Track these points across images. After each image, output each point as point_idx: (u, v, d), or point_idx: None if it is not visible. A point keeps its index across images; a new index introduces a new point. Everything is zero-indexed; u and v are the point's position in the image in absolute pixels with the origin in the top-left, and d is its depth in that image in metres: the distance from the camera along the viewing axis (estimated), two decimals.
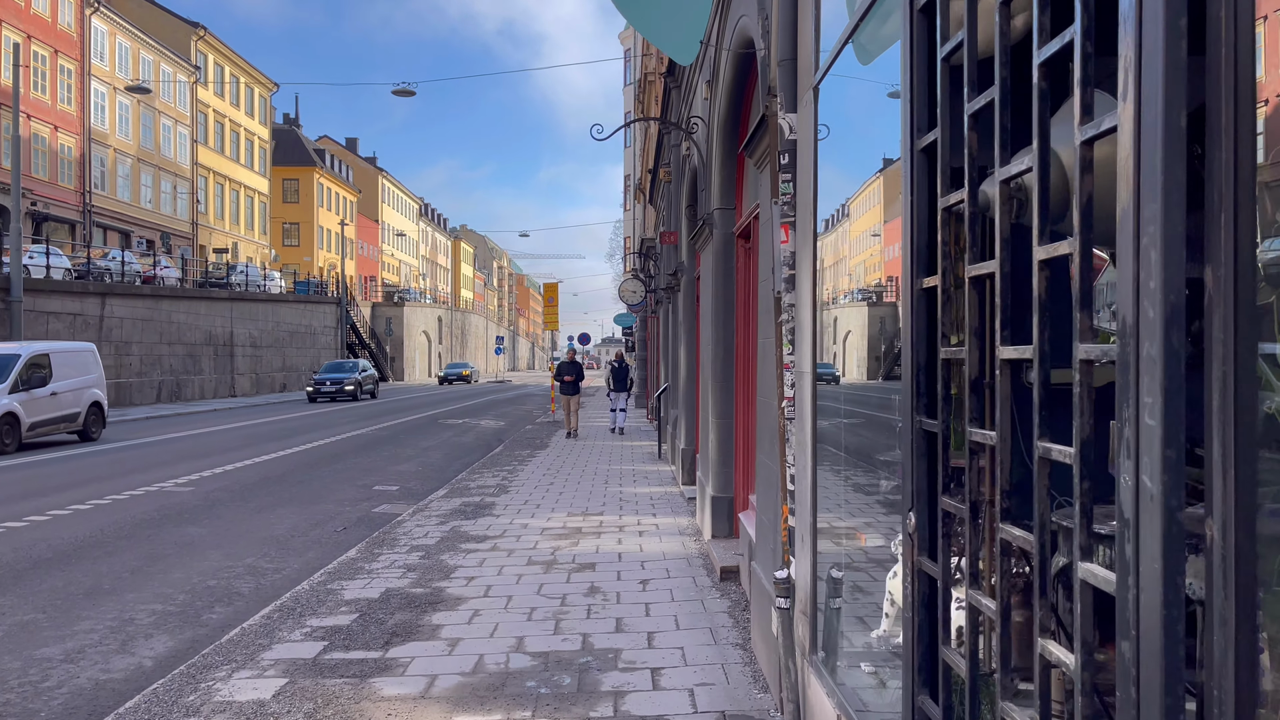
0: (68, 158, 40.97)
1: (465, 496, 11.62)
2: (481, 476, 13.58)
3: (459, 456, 17.18)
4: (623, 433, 20.94)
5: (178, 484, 12.98)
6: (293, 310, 44.12)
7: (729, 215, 7.81)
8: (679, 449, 12.38)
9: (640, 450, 17.28)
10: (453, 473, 14.72)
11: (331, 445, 18.75)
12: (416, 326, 68.72)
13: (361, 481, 13.68)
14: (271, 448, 17.93)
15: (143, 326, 30.48)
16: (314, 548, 9.04)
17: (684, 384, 12.05)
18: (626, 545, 8.40)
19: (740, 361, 7.66)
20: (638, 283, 22.57)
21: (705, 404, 8.65)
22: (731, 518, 7.85)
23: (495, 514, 10.26)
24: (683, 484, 11.98)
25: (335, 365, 37.74)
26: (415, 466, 15.61)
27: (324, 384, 35.76)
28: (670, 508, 10.56)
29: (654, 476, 13.42)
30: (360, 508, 11.40)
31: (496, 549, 8.35)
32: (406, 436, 21.00)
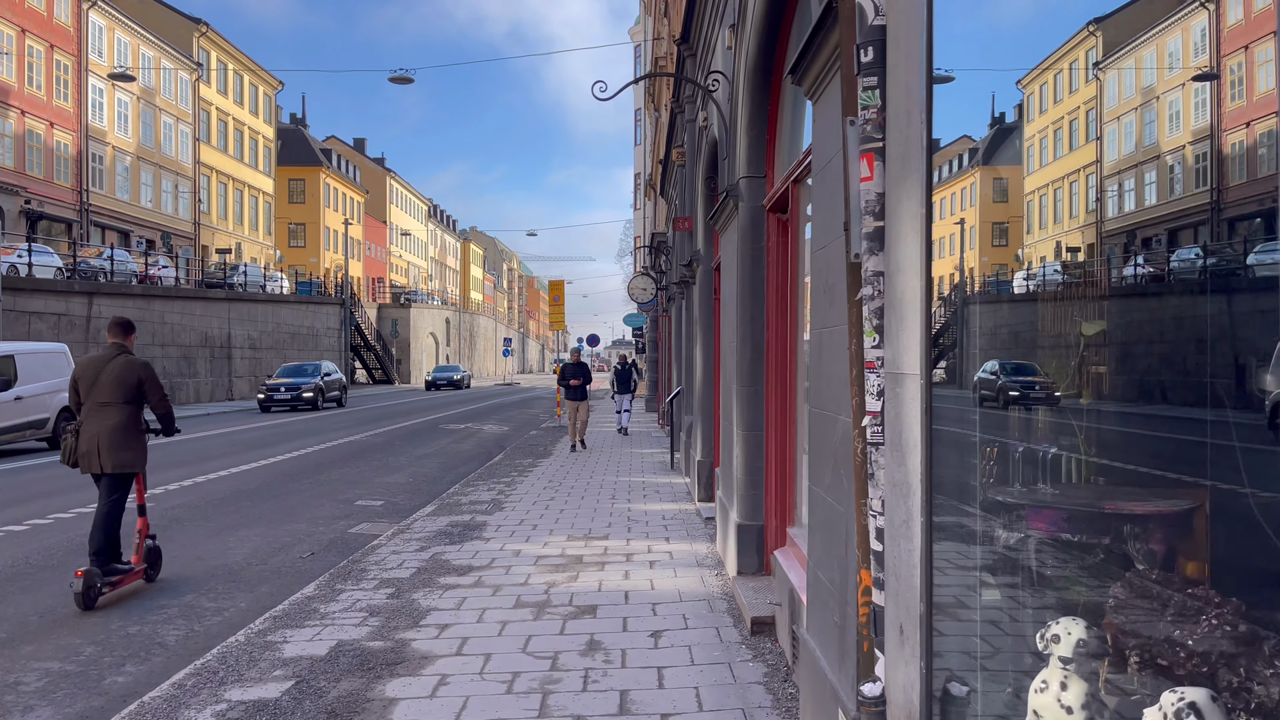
0: (64, 155, 39.94)
1: (454, 514, 10.31)
2: (476, 490, 12.27)
3: (455, 466, 15.89)
4: (627, 433, 21.44)
5: None
6: (294, 311, 42.97)
7: (758, 185, 6.48)
8: (694, 460, 11.04)
9: (651, 460, 15.95)
10: (445, 485, 13.42)
11: (320, 453, 17.48)
12: (424, 328, 67.59)
13: (344, 495, 12.39)
14: (253, 456, 16.67)
15: None
16: (271, 579, 7.74)
17: (700, 388, 10.71)
18: (635, 580, 7.06)
19: (773, 362, 6.32)
20: (648, 279, 21.23)
21: (728, 412, 7.31)
22: (761, 551, 6.51)
23: (485, 537, 8.95)
24: (699, 501, 10.65)
25: (293, 368, 32.13)
26: (406, 478, 14.32)
27: (277, 390, 30.03)
28: (686, 530, 9.22)
29: (666, 491, 12.08)
30: (336, 527, 10.10)
31: (481, 584, 7.03)
32: (402, 443, 19.72)
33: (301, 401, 30.11)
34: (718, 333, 10.22)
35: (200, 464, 15.52)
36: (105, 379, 6.94)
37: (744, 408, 6.55)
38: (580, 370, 17.50)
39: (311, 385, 30.74)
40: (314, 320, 45.20)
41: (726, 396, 7.41)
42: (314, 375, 31.69)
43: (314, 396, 30.54)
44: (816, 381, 3.82)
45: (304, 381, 30.89)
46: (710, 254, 10.41)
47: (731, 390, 6.98)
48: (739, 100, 6.49)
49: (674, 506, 10.71)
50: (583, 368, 17.60)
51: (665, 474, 13.85)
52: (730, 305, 7.15)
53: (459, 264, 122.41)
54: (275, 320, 40.47)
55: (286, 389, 30.17)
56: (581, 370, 17.51)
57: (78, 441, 6.90)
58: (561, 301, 23.31)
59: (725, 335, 7.57)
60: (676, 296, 16.43)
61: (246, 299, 37.83)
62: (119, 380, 6.94)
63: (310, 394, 30.46)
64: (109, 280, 28.96)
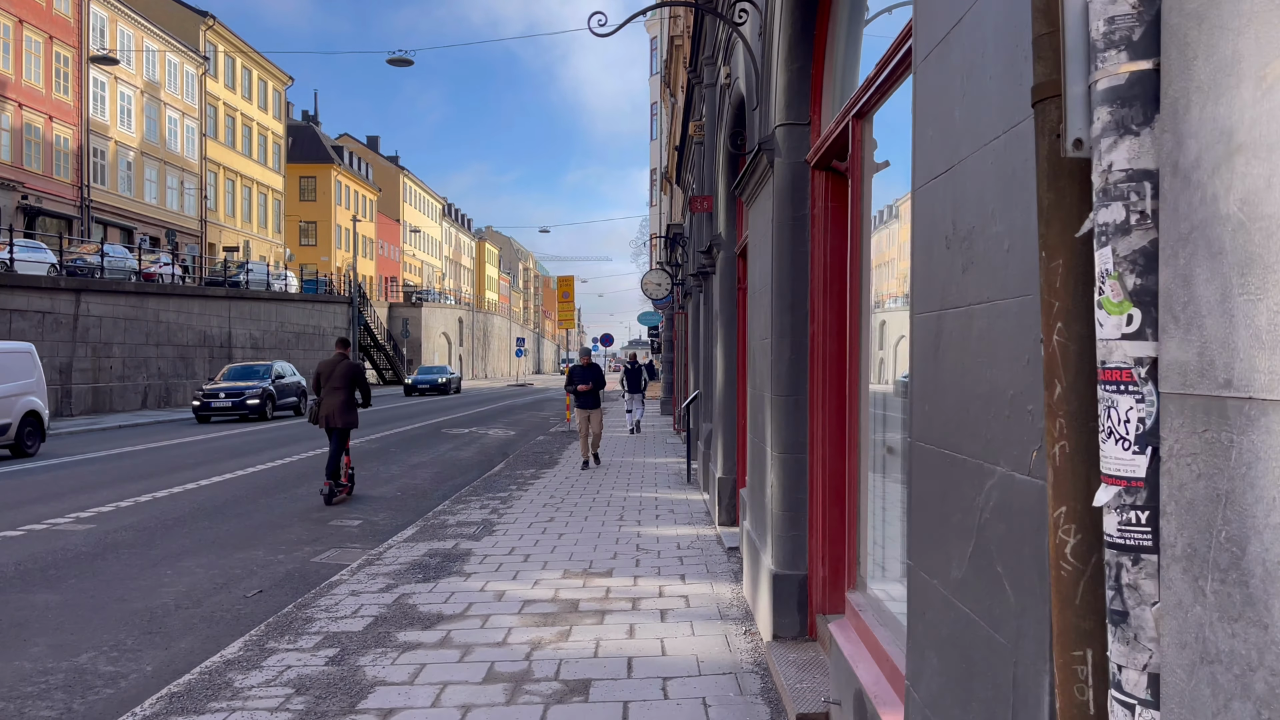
0: (64, 149, 38.90)
1: (437, 539, 8.89)
2: (468, 507, 10.85)
3: (450, 477, 14.48)
4: (639, 429, 21.81)
5: (80, 518, 10.35)
6: (299, 310, 41.76)
7: (799, 135, 5.00)
8: (714, 476, 9.57)
9: (665, 471, 14.47)
10: (436, 499, 12.02)
11: (305, 462, 16.11)
12: (435, 328, 66.38)
13: (320, 513, 11.00)
14: (231, 465, 15.31)
15: (126, 326, 28.10)
16: (198, 629, 6.33)
17: (721, 393, 9.24)
18: (642, 639, 5.60)
19: (821, 364, 4.85)
20: (663, 274, 19.74)
21: (758, 426, 5.84)
22: (804, 609, 5.03)
23: (466, 571, 7.51)
24: (720, 524, 9.17)
25: (241, 370, 27.09)
26: (393, 491, 12.91)
27: (216, 396, 24.92)
28: (705, 563, 7.75)
29: (682, 510, 10.61)
30: (299, 554, 8.70)
31: (448, 643, 5.59)
32: (398, 450, 18.34)
33: (246, 409, 25.11)
34: (742, 329, 8.75)
35: (170, 474, 14.18)
36: (336, 373, 11.39)
37: (781, 423, 5.08)
38: (590, 374, 14.76)
39: (259, 391, 25.46)
40: (320, 319, 43.99)
41: (756, 406, 5.93)
42: (264, 378, 26.36)
43: (261, 404, 25.37)
44: (929, 400, 2.34)
45: (250, 387, 25.54)
46: (733, 236, 8.93)
47: (764, 399, 5.50)
48: (775, 26, 5.01)
49: (691, 531, 9.23)
50: (594, 371, 14.84)
51: (681, 488, 12.38)
52: (761, 293, 5.68)
53: (474, 263, 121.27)
54: (279, 319, 39.26)
55: (228, 394, 25.15)
56: (592, 373, 14.78)
57: (320, 410, 11.35)
58: (571, 298, 21.88)
59: (754, 331, 6.10)
60: (694, 290, 14.95)
61: (249, 297, 36.61)
62: (343, 374, 11.41)
63: (256, 400, 25.27)
64: (100, 277, 27.73)
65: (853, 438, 4.22)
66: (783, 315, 5.07)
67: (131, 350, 28.28)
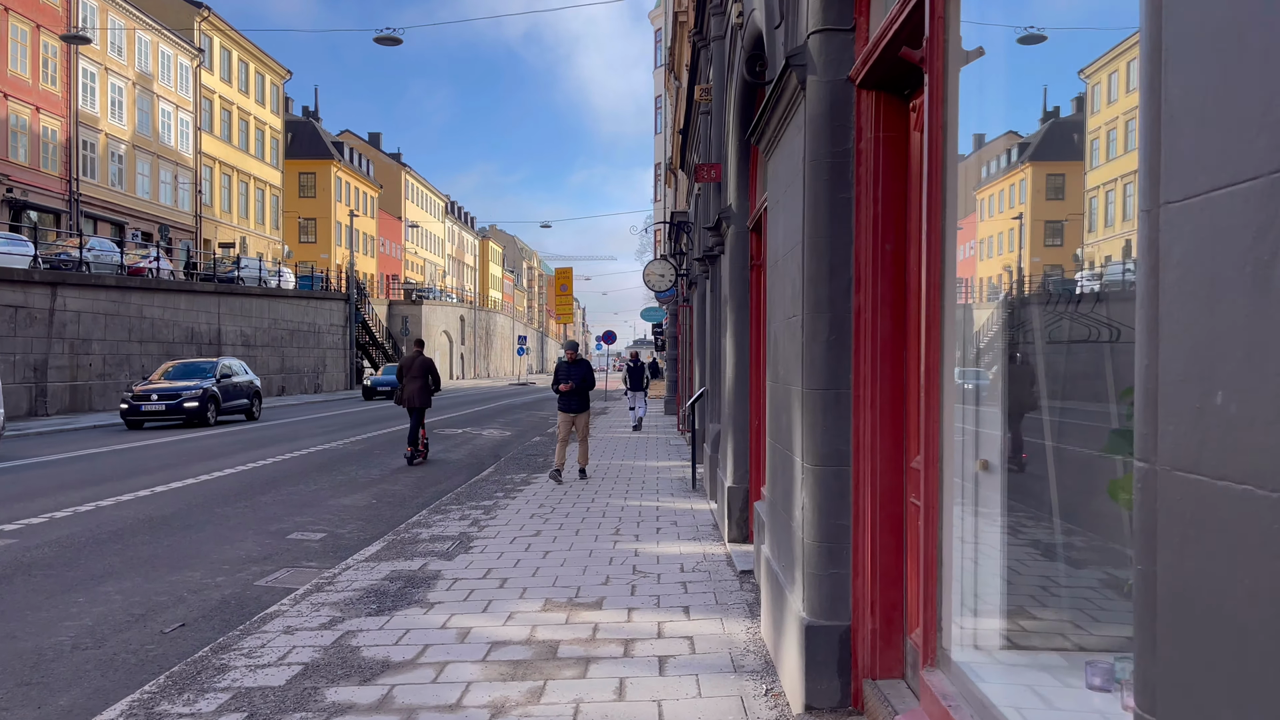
0: (51, 141, 37.82)
1: (403, 558, 7.69)
2: (446, 517, 9.66)
3: (435, 482, 13.28)
4: (641, 425, 21.83)
5: (4, 531, 9.17)
6: (293, 307, 40.59)
7: (840, 44, 3.78)
8: (723, 485, 8.35)
9: (668, 476, 13.26)
10: (414, 508, 10.83)
11: (279, 466, 14.93)
12: (436, 326, 65.24)
13: (281, 524, 9.81)
14: (196, 470, 14.11)
15: (106, 322, 26.93)
16: (87, 678, 5.14)
17: (731, 388, 8.02)
18: (634, 703, 4.37)
19: (871, 347, 3.64)
20: (666, 265, 18.51)
21: (781, 429, 4.61)
22: (847, 672, 3.80)
23: (429, 601, 6.30)
24: (730, 540, 7.95)
25: (183, 368, 23.57)
26: (369, 498, 11.72)
27: (147, 399, 21.38)
28: (713, 591, 6.53)
29: (686, 521, 9.39)
30: (243, 576, 7.51)
31: (387, 707, 4.38)
32: (382, 451, 17.14)
33: (183, 414, 21.58)
34: (756, 313, 7.54)
35: (128, 479, 13.00)
36: (415, 366, 14.41)
37: (815, 425, 3.85)
38: (576, 371, 12.53)
39: (197, 393, 21.74)
40: (316, 316, 42.83)
41: (780, 403, 4.71)
42: (206, 376, 22.83)
43: (200, 407, 21.78)
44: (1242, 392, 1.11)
45: (188, 388, 21.83)
46: (745, 206, 7.71)
47: (791, 395, 4.28)
48: None
49: (696, 549, 8.01)
50: (581, 368, 12.61)
51: (685, 496, 11.16)
52: (787, 259, 4.46)
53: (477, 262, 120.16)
54: (272, 316, 38.10)
55: (161, 396, 21.48)
56: (578, 371, 12.55)
57: (403, 394, 14.27)
58: (570, 291, 20.65)
59: (776, 309, 4.88)
60: (699, 279, 13.72)
61: (239, 293, 35.44)
62: (420, 367, 14.38)
63: (194, 403, 21.63)
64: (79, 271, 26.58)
65: (930, 447, 2.98)
66: (818, 284, 3.85)
67: (113, 347, 27.12)
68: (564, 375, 12.58)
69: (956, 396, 2.75)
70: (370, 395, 37.96)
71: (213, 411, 22.47)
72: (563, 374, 12.61)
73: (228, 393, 23.60)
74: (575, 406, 12.58)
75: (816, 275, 3.86)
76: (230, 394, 23.74)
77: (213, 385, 22.75)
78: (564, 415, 12.60)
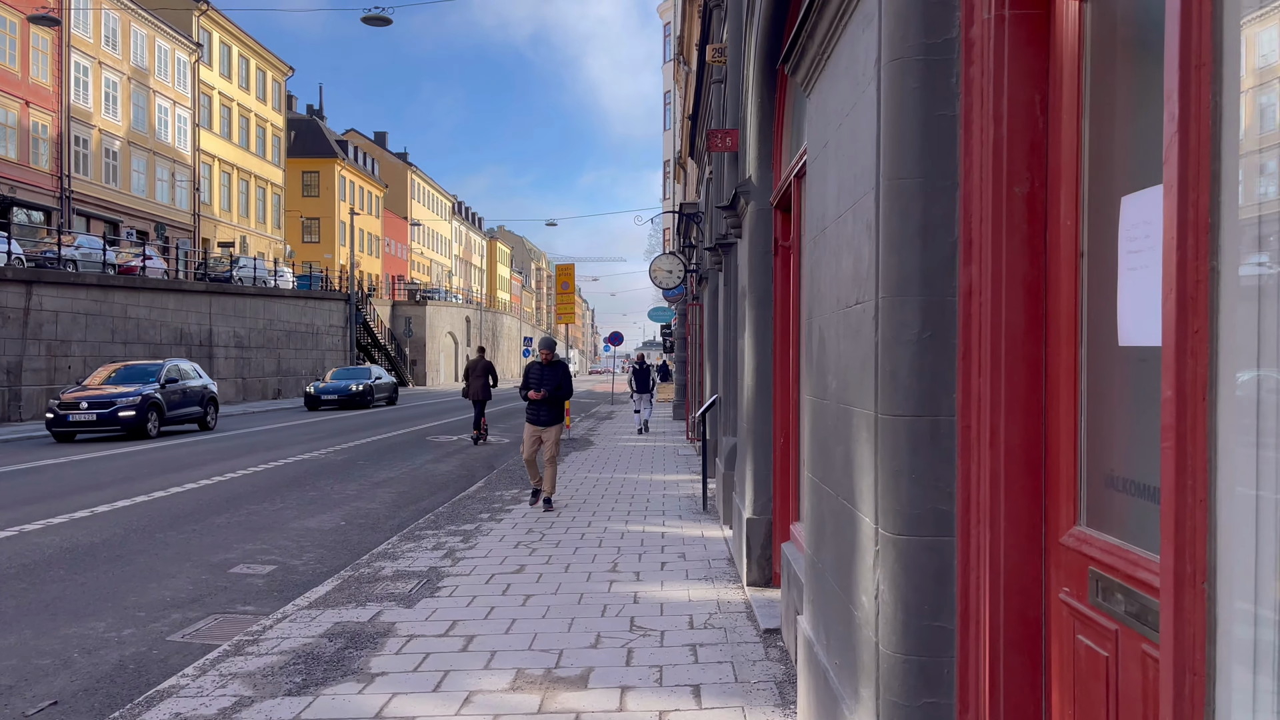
0: (42, 137, 36.69)
1: (354, 603, 6.36)
2: (418, 546, 8.32)
3: (417, 499, 11.95)
4: (647, 429, 21.96)
5: None
6: (290, 307, 39.36)
7: None
8: (740, 514, 6.97)
9: (676, 493, 11.89)
10: (387, 531, 9.51)
11: (247, 480, 13.62)
12: (441, 327, 64.01)
13: (226, 553, 8.49)
14: (152, 485, 12.80)
15: (87, 322, 25.71)
16: None
17: (751, 397, 6.65)
18: None
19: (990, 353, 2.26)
20: (674, 260, 17.13)
21: (840, 469, 3.22)
22: None
23: (370, 669, 4.95)
24: (750, 584, 6.56)
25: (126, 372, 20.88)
26: (338, 519, 10.39)
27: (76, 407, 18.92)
28: (731, 660, 5.15)
29: (697, 553, 8.01)
30: (157, 628, 6.19)
31: None
32: (367, 462, 15.82)
33: (117, 424, 18.94)
34: (782, 307, 6.18)
35: (71, 497, 11.71)
36: (479, 368, 18.01)
37: (899, 470, 2.48)
38: (551, 376, 10.15)
39: (134, 400, 19.12)
40: (314, 317, 41.60)
41: (829, 430, 3.33)
42: (149, 381, 20.13)
43: (137, 417, 19.02)
44: None
45: (123, 395, 19.16)
46: (768, 176, 6.34)
47: (852, 421, 2.90)
48: None
49: (709, 593, 6.63)
50: (555, 371, 10.18)
51: (695, 518, 9.78)
52: (843, 222, 3.09)
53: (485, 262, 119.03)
54: (268, 316, 36.87)
55: (92, 404, 18.83)
56: (552, 375, 10.14)
57: (469, 389, 18.01)
58: (571, 289, 19.31)
59: (822, 297, 3.50)
60: (710, 273, 12.35)
61: (232, 292, 34.20)
62: (483, 369, 17.96)
63: (130, 413, 18.94)
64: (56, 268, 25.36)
65: (1189, 543, 1.59)
66: (902, 251, 2.48)
67: (94, 349, 25.88)
68: (536, 380, 10.16)
69: (1240, 431, 1.38)
70: (315, 405, 30.56)
71: (154, 421, 19.61)
72: (534, 378, 10.19)
73: (175, 400, 20.71)
74: (546, 418, 10.19)
75: (900, 238, 2.49)
76: (178, 401, 20.85)
77: (154, 391, 19.90)
78: (530, 428, 10.19)
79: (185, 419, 21.20)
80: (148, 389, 19.72)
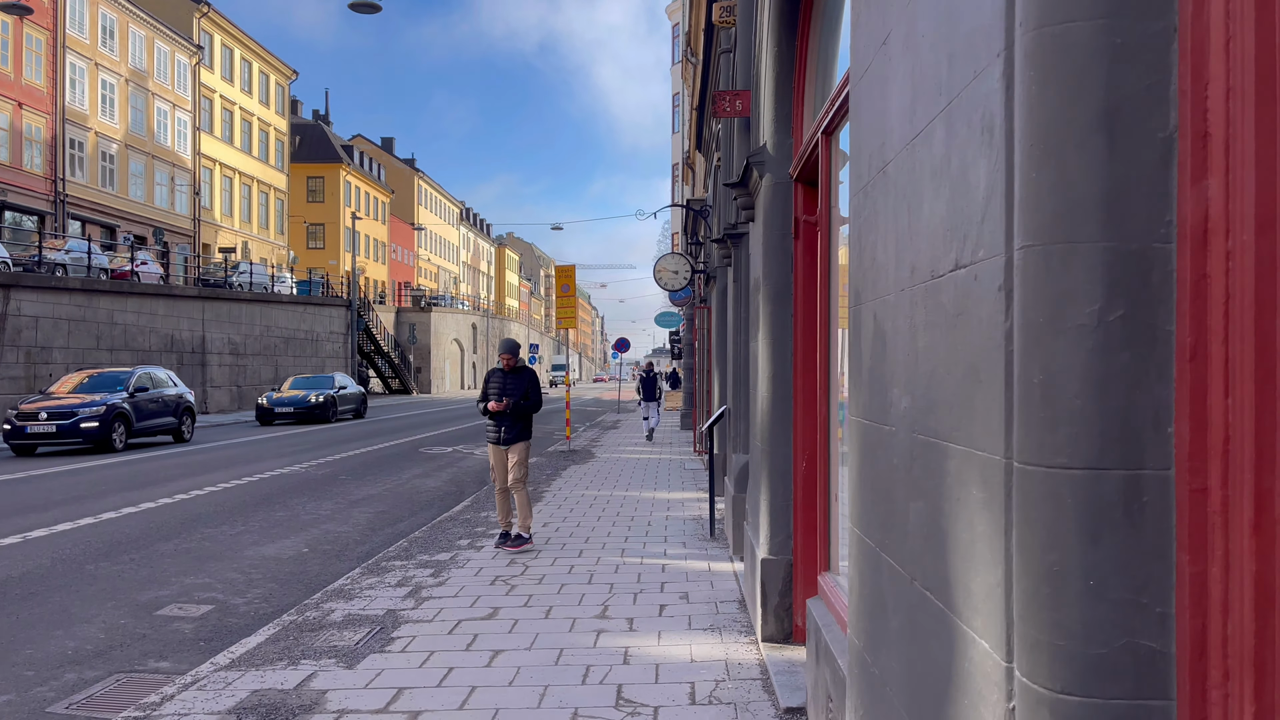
0: (35, 139, 35.84)
1: (285, 661, 5.22)
2: (381, 581, 7.19)
3: (395, 519, 10.82)
4: (652, 435, 21.73)
5: None
6: (289, 313, 38.35)
7: None
8: (754, 552, 5.79)
9: (681, 514, 10.72)
10: (351, 561, 8.38)
11: (211, 498, 12.51)
12: (446, 334, 63.00)
13: (161, 589, 7.37)
14: (105, 505, 11.69)
15: (70, 328, 24.72)
16: None
17: (766, 408, 5.49)
18: None
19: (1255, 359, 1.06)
20: (680, 260, 15.97)
21: (929, 548, 2.06)
22: None
23: None
24: (765, 640, 5.38)
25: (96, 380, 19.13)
26: (301, 544, 9.27)
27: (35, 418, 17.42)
28: None
29: (701, 592, 6.84)
30: (40, 693, 5.07)
31: None
32: (349, 477, 14.70)
33: (80, 436, 17.27)
34: (806, 302, 5.02)
35: (17, 517, 10.62)
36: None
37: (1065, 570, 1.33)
38: (515, 385, 8.42)
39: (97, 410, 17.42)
40: (314, 324, 40.60)
41: (902, 478, 2.16)
42: (116, 390, 18.44)
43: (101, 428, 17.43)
44: None
45: (86, 404, 17.53)
46: (786, 144, 5.20)
47: (957, 471, 1.73)
48: None
49: (716, 649, 5.45)
50: (523, 380, 8.46)
51: (701, 547, 8.61)
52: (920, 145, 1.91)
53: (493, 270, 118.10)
54: (265, 323, 35.87)
55: (52, 414, 17.29)
56: (516, 384, 8.42)
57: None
58: (572, 292, 18.15)
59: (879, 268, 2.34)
60: (719, 270, 11.20)
61: (227, 298, 33.20)
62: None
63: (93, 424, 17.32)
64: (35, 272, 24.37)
65: None
66: (1069, 157, 1.31)
67: (78, 356, 24.88)
68: (496, 389, 8.41)
69: None
70: (268, 419, 26.23)
71: (120, 433, 17.95)
72: (494, 387, 8.43)
73: (147, 409, 18.98)
74: (510, 436, 8.36)
75: (1061, 133, 1.33)
76: (150, 411, 19.13)
77: (121, 400, 18.15)
78: (493, 451, 8.46)
79: (157, 430, 19.61)
80: (114, 398, 18.16)
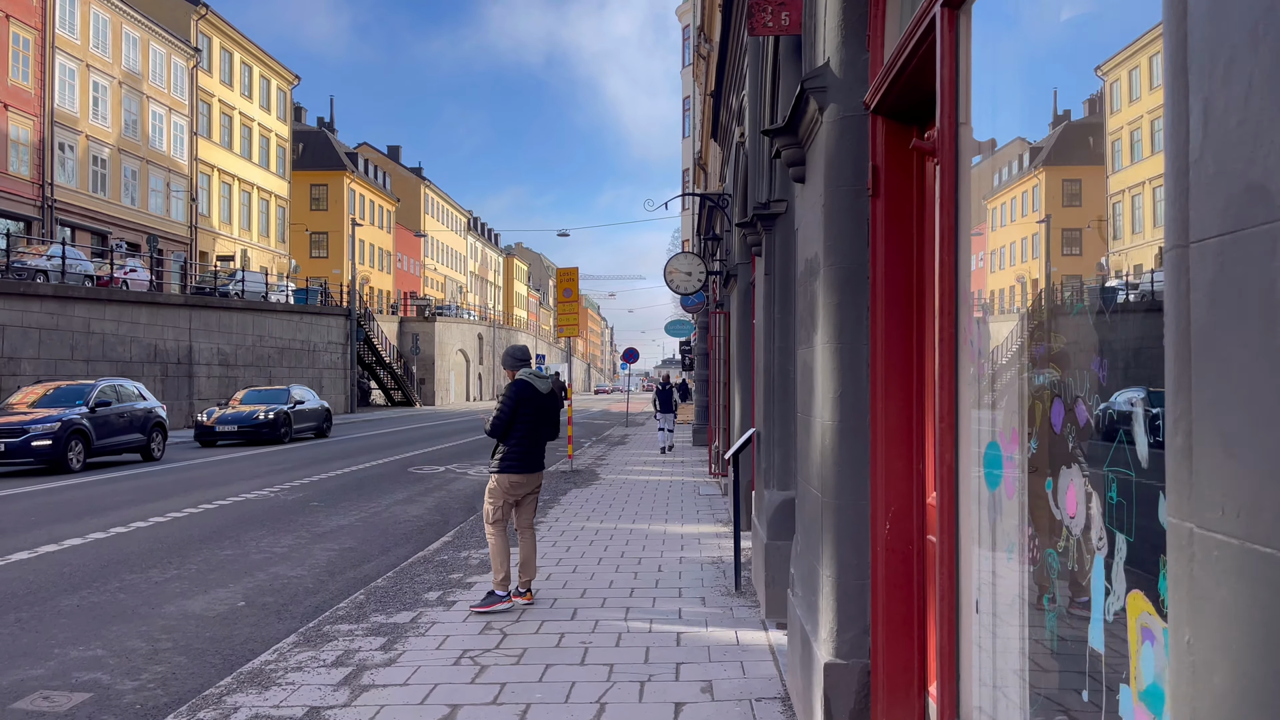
0: (22, 142, 34.49)
1: None
2: (317, 656, 5.54)
3: (362, 559, 9.16)
4: (672, 449, 21.79)
5: None
6: (284, 322, 36.83)
7: None
8: (812, 649, 4.09)
9: (698, 555, 9.01)
10: (293, 621, 6.73)
11: (152, 531, 10.86)
12: (451, 345, 61.44)
13: (31, 668, 5.73)
14: (24, 541, 10.06)
15: (42, 336, 23.22)
16: None
17: (831, 444, 3.81)
18: None
19: None
20: (692, 259, 14.28)
21: None
22: None
23: None
24: None
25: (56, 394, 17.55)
26: (238, 595, 7.61)
27: None
28: None
29: (729, 684, 5.14)
30: None
31: None
32: (322, 503, 13.03)
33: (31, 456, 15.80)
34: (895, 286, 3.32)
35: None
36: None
37: None
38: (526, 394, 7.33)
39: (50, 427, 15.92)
40: (311, 334, 39.07)
41: None
42: (75, 404, 16.97)
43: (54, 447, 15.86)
44: None
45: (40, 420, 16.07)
46: (859, 56, 3.53)
47: None
48: None
49: None
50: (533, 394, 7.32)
51: (724, 605, 6.90)
52: None
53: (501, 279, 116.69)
54: (257, 332, 34.34)
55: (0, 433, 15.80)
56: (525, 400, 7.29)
57: None
58: (574, 297, 16.51)
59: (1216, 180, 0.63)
60: (741, 268, 9.50)
61: (216, 306, 31.67)
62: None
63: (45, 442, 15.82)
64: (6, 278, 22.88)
65: None
66: None
67: (49, 367, 23.37)
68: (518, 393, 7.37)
69: None
70: (210, 440, 22.60)
71: (78, 452, 16.35)
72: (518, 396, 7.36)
73: (110, 425, 17.34)
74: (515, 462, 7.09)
75: None
76: (114, 427, 17.50)
77: (80, 416, 16.53)
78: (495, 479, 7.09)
79: (123, 448, 17.88)
80: (72, 414, 16.46)
